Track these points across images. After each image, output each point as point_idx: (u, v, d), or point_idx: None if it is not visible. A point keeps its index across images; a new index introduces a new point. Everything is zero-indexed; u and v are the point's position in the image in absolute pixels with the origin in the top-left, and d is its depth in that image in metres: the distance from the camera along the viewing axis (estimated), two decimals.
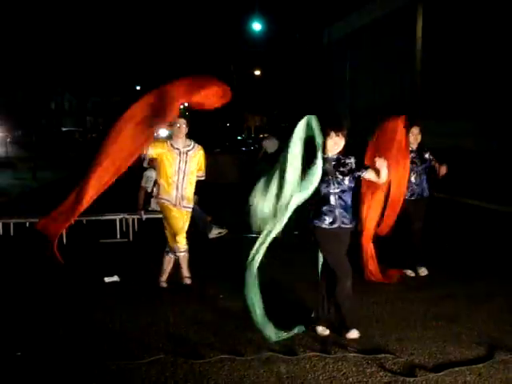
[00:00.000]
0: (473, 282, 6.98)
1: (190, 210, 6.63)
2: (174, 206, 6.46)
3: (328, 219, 5.24)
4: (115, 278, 6.95)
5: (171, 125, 6.46)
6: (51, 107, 70.86)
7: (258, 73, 52.59)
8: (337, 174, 5.27)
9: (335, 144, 5.26)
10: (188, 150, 6.53)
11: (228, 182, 16.90)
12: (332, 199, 5.25)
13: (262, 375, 4.39)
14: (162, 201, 6.49)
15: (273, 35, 42.53)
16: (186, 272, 6.67)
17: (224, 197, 13.87)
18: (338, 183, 5.26)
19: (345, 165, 5.30)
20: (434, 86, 22.82)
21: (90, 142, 49.92)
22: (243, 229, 9.72)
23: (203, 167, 6.67)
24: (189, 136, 6.62)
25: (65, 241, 9.09)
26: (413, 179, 7.31)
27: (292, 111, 45.49)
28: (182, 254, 6.60)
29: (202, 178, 6.75)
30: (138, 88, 74.88)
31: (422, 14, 23.86)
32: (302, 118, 4.97)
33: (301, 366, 4.53)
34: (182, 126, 6.47)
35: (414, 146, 7.38)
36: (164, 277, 6.67)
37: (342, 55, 33.93)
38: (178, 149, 6.47)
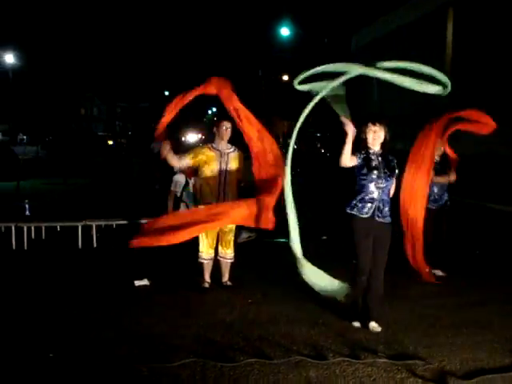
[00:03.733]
0: (503, 289, 6.89)
1: None
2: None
3: (366, 210, 5.39)
4: (145, 282, 7.00)
5: (217, 127, 6.65)
6: (81, 113, 71.75)
7: (286, 78, 52.57)
8: (386, 169, 5.42)
9: (375, 134, 5.42)
10: (229, 152, 6.66)
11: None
12: (376, 193, 5.39)
13: (292, 379, 4.38)
14: (203, 202, 6.61)
15: (301, 41, 42.56)
16: (226, 276, 6.89)
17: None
18: (386, 179, 5.42)
19: (390, 161, 5.48)
20: (464, 91, 22.58)
21: (119, 146, 50.34)
22: (273, 233, 9.77)
23: (241, 173, 6.78)
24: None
25: (95, 244, 9.20)
26: (435, 189, 7.45)
27: (320, 117, 45.38)
28: (229, 261, 6.84)
29: (241, 185, 6.88)
30: (167, 93, 75.43)
31: (452, 18, 23.67)
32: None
33: (330, 371, 4.52)
34: (229, 129, 6.65)
35: (438, 156, 7.46)
36: (207, 277, 6.83)
37: (370, 61, 33.74)
38: (219, 150, 6.63)
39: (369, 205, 5.40)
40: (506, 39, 19.66)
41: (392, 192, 5.67)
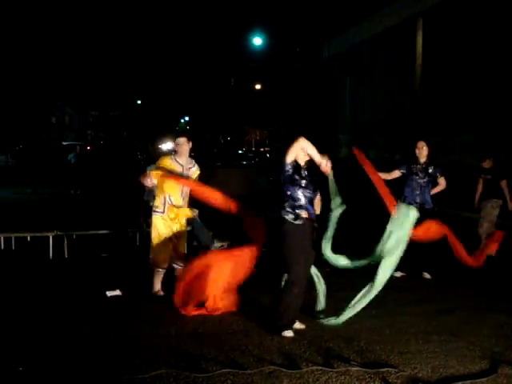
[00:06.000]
0: (474, 296, 6.98)
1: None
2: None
3: (300, 215, 5.57)
4: (117, 292, 6.94)
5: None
6: (52, 121, 71.00)
7: (258, 87, 52.75)
8: (312, 182, 5.72)
9: (305, 155, 5.66)
10: (190, 167, 6.88)
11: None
12: (305, 199, 5.62)
13: None
14: (175, 209, 6.72)
15: (273, 49, 42.77)
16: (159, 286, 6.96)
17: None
18: (311, 190, 5.71)
19: (312, 177, 5.74)
20: (435, 101, 22.88)
21: (90, 155, 49.86)
22: (244, 242, 9.76)
23: None
24: (192, 149, 6.92)
25: (66, 254, 9.11)
26: (410, 190, 8.00)
27: (292, 125, 45.62)
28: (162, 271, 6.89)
29: None
30: (139, 102, 75.14)
31: (422, 28, 24.00)
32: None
33: (303, 380, 4.52)
34: (183, 144, 6.81)
35: (421, 159, 8.04)
36: (158, 287, 6.91)
37: (342, 69, 34.07)
38: (182, 165, 6.81)
39: (301, 210, 5.60)
40: (474, 48, 20.00)
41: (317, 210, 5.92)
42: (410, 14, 24.72)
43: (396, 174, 8.15)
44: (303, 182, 5.64)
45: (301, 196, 5.61)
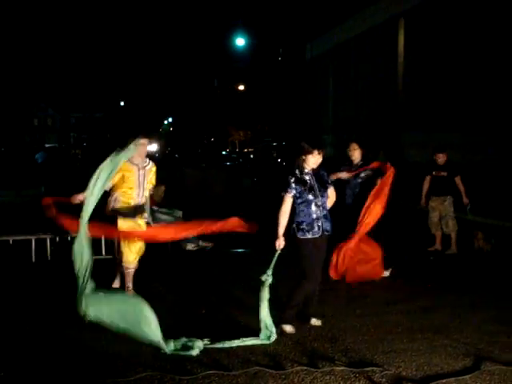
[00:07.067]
0: (458, 294, 7.01)
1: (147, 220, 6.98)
2: (133, 218, 6.73)
3: (315, 229, 5.59)
4: None
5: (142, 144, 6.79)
6: (34, 123, 70.51)
7: (241, 87, 52.76)
8: (320, 186, 5.67)
9: (317, 161, 5.67)
10: (145, 166, 6.87)
11: (213, 195, 17.02)
12: (317, 211, 5.61)
13: None
14: (121, 216, 6.71)
15: (256, 50, 42.81)
16: (131, 284, 6.91)
17: (209, 210, 13.87)
18: (322, 195, 5.67)
19: (322, 177, 5.75)
20: (419, 98, 22.98)
21: (72, 158, 49.55)
22: (227, 243, 9.76)
23: (154, 182, 7.03)
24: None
25: (49, 257, 9.04)
26: (348, 190, 7.99)
27: (275, 125, 45.70)
28: (131, 270, 6.89)
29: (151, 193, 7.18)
30: (122, 104, 74.84)
31: (403, 27, 24.14)
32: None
33: (289, 381, 4.52)
34: (144, 145, 6.82)
35: (354, 161, 8.05)
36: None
37: (324, 69, 34.16)
38: (136, 164, 6.77)
39: (316, 225, 5.60)
40: (456, 46, 20.10)
41: (333, 200, 5.88)
42: (391, 14, 24.84)
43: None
44: None
45: None
